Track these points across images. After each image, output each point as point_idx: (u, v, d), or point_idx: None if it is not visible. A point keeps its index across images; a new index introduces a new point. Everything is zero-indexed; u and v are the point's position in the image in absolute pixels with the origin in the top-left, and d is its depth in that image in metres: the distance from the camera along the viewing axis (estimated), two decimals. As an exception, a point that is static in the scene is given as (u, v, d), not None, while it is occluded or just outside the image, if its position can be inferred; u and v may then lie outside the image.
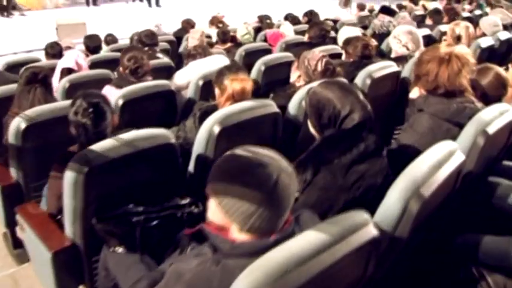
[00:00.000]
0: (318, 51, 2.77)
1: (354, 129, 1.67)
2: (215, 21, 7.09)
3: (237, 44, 5.16)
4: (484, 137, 1.86)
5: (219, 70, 2.49)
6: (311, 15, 7.21)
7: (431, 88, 2.17)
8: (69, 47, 5.85)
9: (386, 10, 7.11)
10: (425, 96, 2.19)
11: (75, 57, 3.81)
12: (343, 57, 3.32)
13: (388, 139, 3.14)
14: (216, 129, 2.11)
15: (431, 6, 10.29)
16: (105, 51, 6.02)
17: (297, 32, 5.84)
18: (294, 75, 2.81)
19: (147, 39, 4.23)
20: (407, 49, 3.51)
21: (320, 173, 1.60)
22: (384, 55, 4.35)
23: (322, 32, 4.21)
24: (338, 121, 1.70)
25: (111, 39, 6.11)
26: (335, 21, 7.60)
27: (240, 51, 4.66)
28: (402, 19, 5.56)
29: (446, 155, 1.55)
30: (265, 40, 6.04)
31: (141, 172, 1.96)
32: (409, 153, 2.18)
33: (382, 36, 5.12)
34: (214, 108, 2.34)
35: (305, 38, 4.35)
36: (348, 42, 3.25)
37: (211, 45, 5.73)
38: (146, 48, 4.21)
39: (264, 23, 6.51)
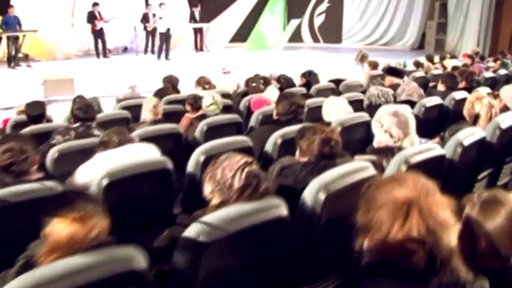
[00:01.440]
0: (240, 157, 1.88)
1: None
2: (202, 81, 6.34)
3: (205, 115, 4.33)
4: None
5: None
6: (309, 77, 6.36)
7: (382, 252, 1.25)
8: (23, 112, 5.19)
9: (393, 72, 6.21)
10: (374, 263, 1.27)
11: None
12: (296, 155, 2.41)
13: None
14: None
15: (451, 63, 9.35)
16: (66, 118, 5.33)
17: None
18: (207, 189, 1.92)
19: (79, 113, 3.43)
20: (391, 136, 2.59)
21: None
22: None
23: (293, 107, 3.32)
24: None
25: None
26: (338, 82, 6.66)
27: (202, 126, 3.83)
28: (406, 85, 4.66)
29: None
30: (248, 107, 5.25)
31: None
32: None
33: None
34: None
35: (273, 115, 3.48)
36: (301, 134, 2.34)
37: (182, 113, 4.95)
38: (78, 124, 3.43)
39: (249, 86, 5.63)
